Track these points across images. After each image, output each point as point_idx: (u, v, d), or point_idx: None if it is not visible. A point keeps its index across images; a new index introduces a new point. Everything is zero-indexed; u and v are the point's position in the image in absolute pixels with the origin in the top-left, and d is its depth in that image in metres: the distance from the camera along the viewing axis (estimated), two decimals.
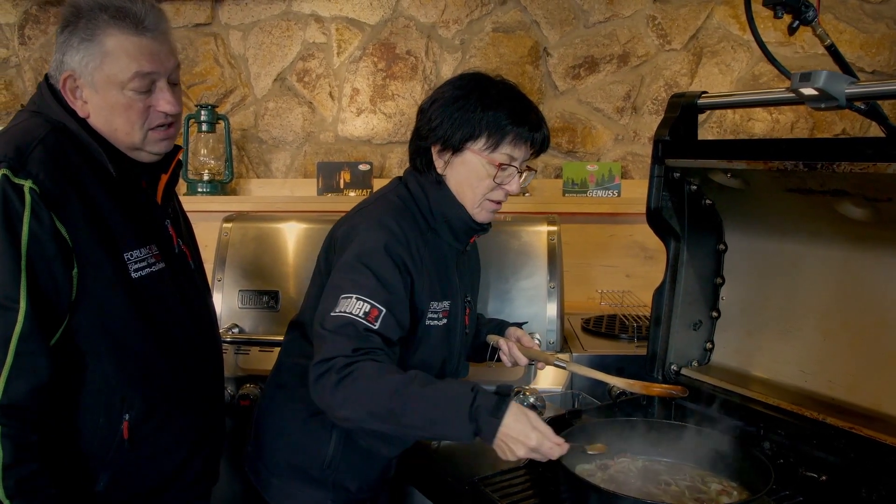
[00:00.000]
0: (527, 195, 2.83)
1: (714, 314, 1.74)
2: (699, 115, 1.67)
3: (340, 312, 1.34)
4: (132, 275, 1.35)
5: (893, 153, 1.18)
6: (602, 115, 2.99)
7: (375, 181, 2.93)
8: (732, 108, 2.84)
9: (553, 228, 2.25)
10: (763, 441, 1.48)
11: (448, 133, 1.46)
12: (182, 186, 2.94)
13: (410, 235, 1.46)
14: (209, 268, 1.84)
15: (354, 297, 1.35)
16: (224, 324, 2.25)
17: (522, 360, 1.65)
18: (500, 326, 1.75)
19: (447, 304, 1.54)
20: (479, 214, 1.52)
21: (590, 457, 1.43)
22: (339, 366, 1.28)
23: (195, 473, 1.52)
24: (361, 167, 2.96)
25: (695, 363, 1.75)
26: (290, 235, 2.34)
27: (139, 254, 1.37)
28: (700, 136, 1.70)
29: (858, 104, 1.35)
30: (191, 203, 2.37)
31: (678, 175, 1.62)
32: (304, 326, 1.57)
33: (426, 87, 3.02)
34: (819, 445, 1.39)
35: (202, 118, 2.92)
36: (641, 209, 1.70)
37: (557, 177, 2.99)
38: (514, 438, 1.22)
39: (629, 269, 2.88)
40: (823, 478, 1.34)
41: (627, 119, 2.98)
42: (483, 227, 1.57)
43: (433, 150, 1.50)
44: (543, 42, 2.98)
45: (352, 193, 2.92)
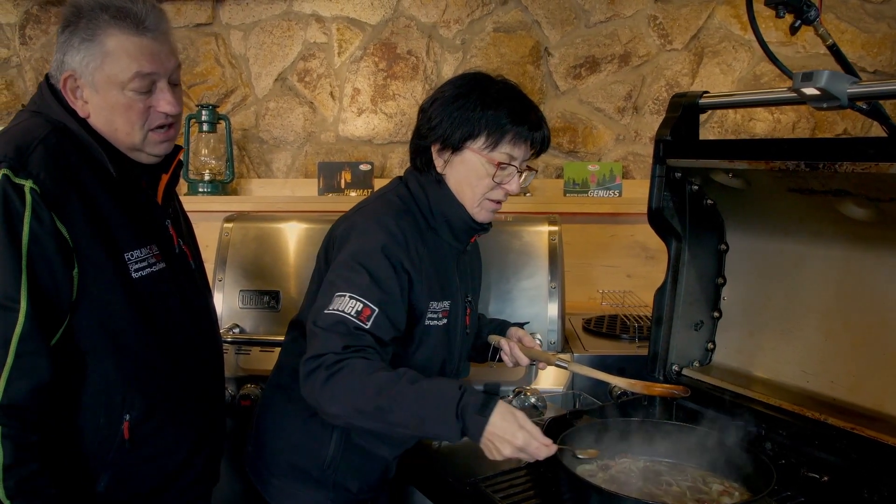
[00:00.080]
0: (528, 195, 2.83)
1: (715, 314, 1.74)
2: (700, 115, 1.67)
3: (333, 310, 1.35)
4: (133, 275, 1.35)
5: (895, 153, 1.18)
6: (603, 115, 2.99)
7: (376, 181, 2.93)
8: (734, 108, 2.84)
9: (554, 228, 2.25)
10: (765, 441, 1.48)
11: (448, 132, 1.46)
12: (183, 186, 2.94)
13: (409, 235, 1.46)
14: (210, 268, 1.84)
15: (348, 296, 1.35)
16: (225, 324, 2.25)
17: (524, 361, 1.65)
18: (502, 326, 1.75)
19: (447, 304, 1.53)
20: (479, 214, 1.52)
21: (592, 457, 1.42)
22: (329, 362, 1.28)
23: (195, 474, 1.52)
24: (362, 167, 2.96)
25: (696, 363, 1.74)
26: (291, 235, 2.34)
27: (140, 254, 1.37)
28: (701, 136, 1.70)
29: (860, 104, 1.34)
30: (192, 203, 2.38)
31: (680, 175, 1.61)
32: (305, 326, 1.57)
33: (427, 87, 3.01)
34: (821, 446, 1.39)
35: (203, 118, 2.92)
36: (643, 209, 1.70)
37: (558, 177, 2.98)
38: (501, 437, 1.21)
39: (630, 270, 2.88)
40: (825, 478, 1.34)
41: (628, 119, 2.98)
42: (483, 227, 1.57)
43: (433, 150, 1.50)
44: (544, 42, 2.98)
45: (353, 193, 2.91)
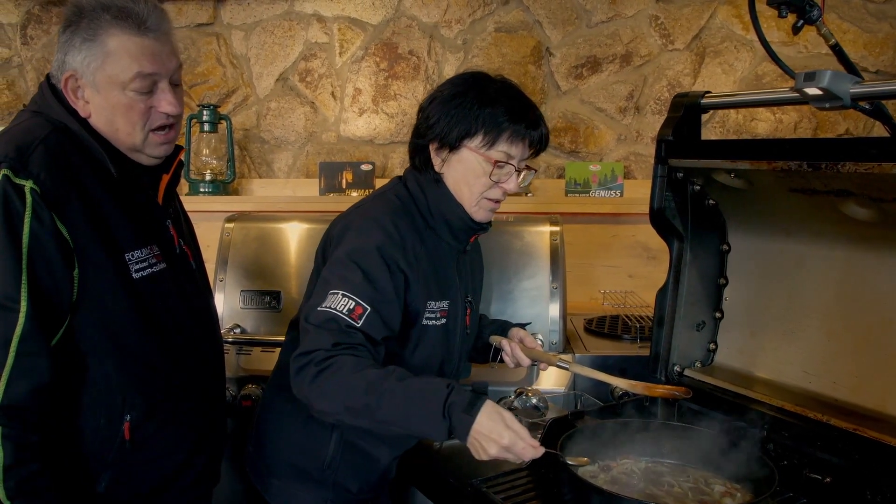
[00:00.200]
0: (529, 195, 2.83)
1: (717, 315, 1.73)
2: (702, 115, 1.66)
3: (325, 308, 1.35)
4: (133, 275, 1.35)
5: None
6: (605, 115, 2.98)
7: (377, 181, 2.93)
8: (736, 108, 2.83)
9: (556, 229, 2.25)
10: (767, 442, 1.47)
11: (445, 130, 1.45)
12: (184, 186, 2.94)
13: (406, 235, 1.45)
14: (211, 268, 1.83)
15: (340, 294, 1.36)
16: (226, 324, 2.25)
17: (525, 361, 1.64)
18: (503, 327, 1.74)
19: (446, 304, 1.53)
20: (478, 213, 1.52)
21: (592, 458, 1.42)
22: (318, 359, 1.29)
23: (196, 474, 1.52)
24: (363, 167, 2.96)
25: (698, 364, 1.74)
26: (292, 235, 2.34)
27: (140, 254, 1.37)
28: (703, 137, 1.69)
29: (863, 104, 1.34)
30: (193, 203, 2.38)
31: (681, 175, 1.61)
32: None
33: (428, 87, 3.01)
34: (823, 447, 1.39)
35: (204, 118, 2.91)
36: (644, 209, 1.70)
37: (560, 177, 2.98)
38: (487, 437, 1.20)
39: (632, 270, 2.87)
40: (827, 479, 1.34)
41: (630, 119, 2.97)
42: (482, 227, 1.56)
43: (431, 148, 1.50)
44: (546, 42, 2.98)
45: (354, 193, 2.91)
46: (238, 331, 2.25)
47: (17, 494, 1.19)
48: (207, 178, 2.96)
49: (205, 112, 2.91)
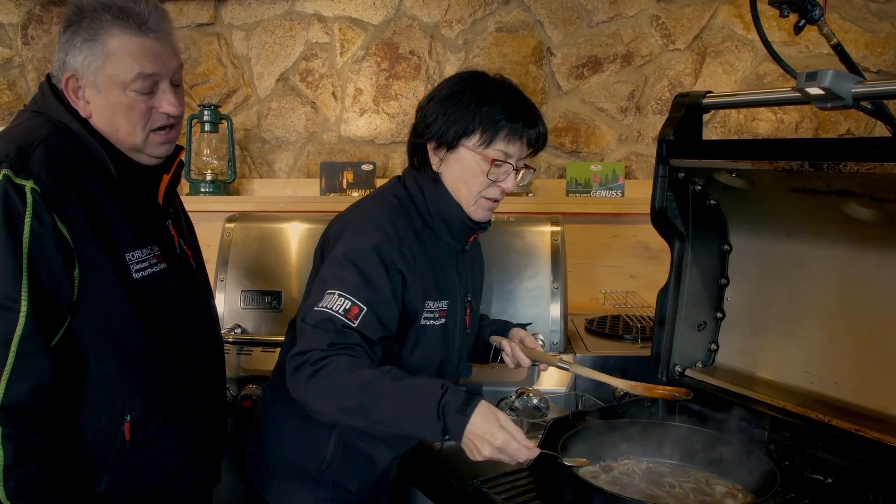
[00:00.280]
0: (530, 195, 2.83)
1: (719, 315, 1.73)
2: (703, 116, 1.66)
3: (322, 308, 1.35)
4: (133, 275, 1.35)
5: None
6: (606, 115, 2.98)
7: (378, 181, 2.93)
8: (737, 108, 2.83)
9: (556, 229, 2.25)
10: (768, 443, 1.47)
11: (443, 129, 1.45)
12: (185, 186, 2.94)
13: (404, 235, 1.45)
14: (211, 268, 1.83)
15: (337, 294, 1.36)
16: (226, 324, 2.25)
17: (525, 362, 1.64)
18: (504, 327, 1.74)
19: (445, 304, 1.53)
20: (476, 213, 1.51)
21: (594, 459, 1.42)
22: (314, 359, 1.29)
23: (196, 474, 1.52)
24: (364, 167, 2.96)
25: (699, 364, 1.74)
26: (293, 236, 2.34)
27: (140, 254, 1.37)
28: (704, 137, 1.69)
29: (865, 104, 1.33)
30: (193, 203, 2.37)
31: (683, 175, 1.61)
32: None
33: (429, 87, 2.98)
34: (825, 447, 1.38)
35: (205, 118, 2.91)
36: (645, 209, 1.69)
37: (561, 177, 2.98)
38: (480, 437, 1.20)
39: (633, 270, 2.87)
40: (829, 480, 1.33)
41: (631, 119, 2.97)
42: (481, 226, 1.56)
43: (429, 148, 1.50)
44: (547, 42, 2.97)
45: (355, 193, 2.91)
46: (239, 331, 2.25)
47: (18, 495, 1.19)
48: (208, 178, 2.96)
49: (205, 112, 2.91)
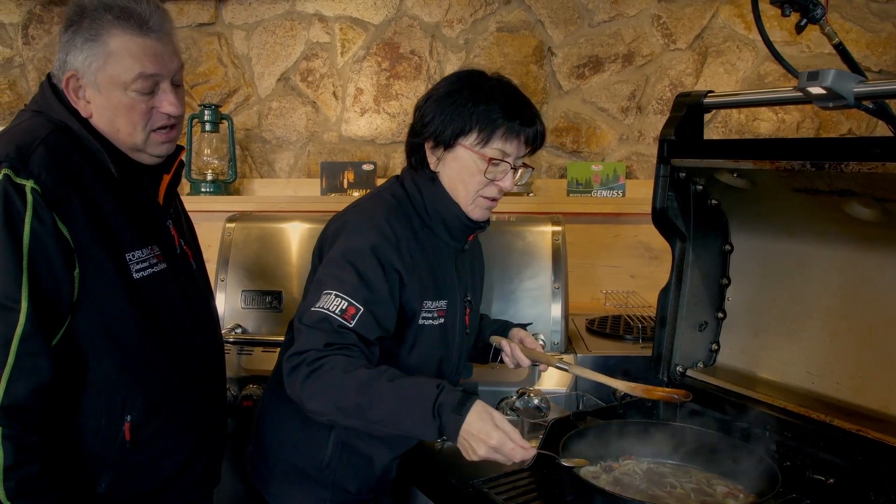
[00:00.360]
0: (531, 195, 2.83)
1: (720, 315, 1.73)
2: (704, 115, 1.66)
3: (319, 308, 1.35)
4: (134, 275, 1.34)
5: None
6: (607, 115, 2.98)
7: (379, 181, 2.93)
8: (739, 108, 2.82)
9: (557, 228, 2.24)
10: (769, 443, 1.47)
11: (440, 129, 1.45)
12: (185, 186, 2.94)
13: (401, 235, 1.45)
14: (212, 268, 1.83)
15: (334, 294, 1.36)
16: (227, 324, 2.24)
17: (525, 362, 1.64)
18: (504, 327, 1.74)
19: (443, 304, 1.53)
20: (474, 212, 1.51)
21: (594, 459, 1.42)
22: (310, 359, 1.29)
23: (196, 475, 1.51)
24: (365, 167, 2.96)
25: (700, 364, 1.73)
26: (294, 235, 2.34)
27: (141, 254, 1.36)
28: (705, 137, 1.69)
29: (867, 103, 1.33)
30: (194, 203, 2.37)
31: (684, 175, 1.60)
32: None
33: (430, 87, 3.00)
34: (826, 448, 1.38)
35: (206, 118, 2.91)
36: (646, 209, 1.69)
37: (562, 177, 2.97)
38: (475, 436, 1.20)
39: (634, 270, 2.87)
40: (831, 481, 1.33)
41: (632, 119, 2.97)
42: (479, 225, 1.55)
43: (426, 147, 1.49)
44: (548, 41, 2.97)
45: (355, 193, 2.91)
46: (239, 331, 2.25)
47: (18, 495, 1.19)
48: (209, 178, 2.95)
49: (206, 112, 2.91)
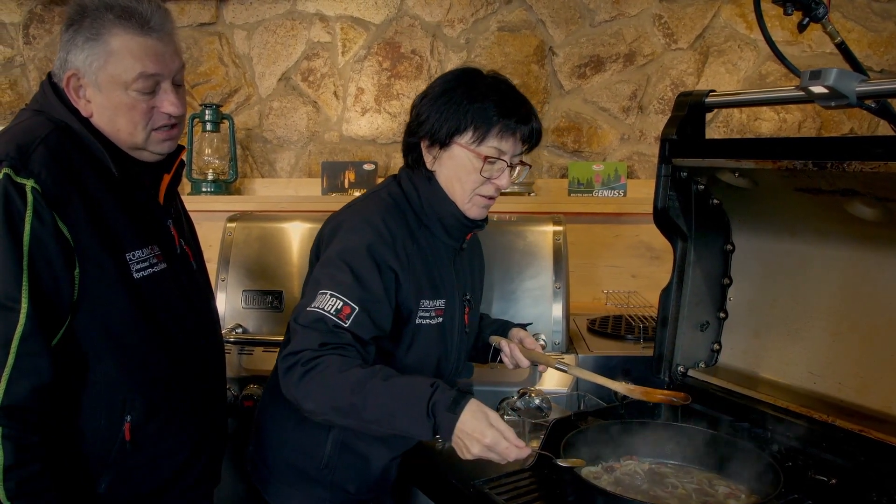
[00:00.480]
0: (532, 195, 2.82)
1: (721, 315, 1.72)
2: (706, 115, 1.66)
3: (314, 308, 1.35)
4: (134, 275, 1.34)
5: None
6: (608, 115, 2.97)
7: (380, 181, 2.92)
8: (740, 108, 2.82)
9: (558, 228, 2.24)
10: (771, 443, 1.47)
11: (436, 127, 1.45)
12: (186, 186, 2.94)
13: (397, 234, 1.45)
14: (213, 268, 1.83)
15: (329, 294, 1.35)
16: (228, 324, 2.24)
17: (524, 362, 1.63)
18: (504, 327, 1.74)
19: (441, 303, 1.52)
20: (471, 210, 1.51)
21: (595, 459, 1.41)
22: (305, 359, 1.29)
23: (197, 475, 1.51)
24: (366, 167, 2.95)
25: (702, 364, 1.73)
26: (295, 235, 2.34)
27: (141, 254, 1.36)
28: (707, 136, 1.69)
29: (869, 102, 1.33)
30: (195, 203, 2.38)
31: (685, 174, 1.60)
32: None
33: None
34: (828, 448, 1.38)
35: (206, 118, 2.91)
36: (648, 209, 1.69)
37: (563, 176, 2.97)
38: (469, 435, 1.20)
39: (635, 270, 2.86)
40: (833, 481, 1.33)
41: (633, 118, 2.96)
42: (477, 224, 1.55)
43: (422, 146, 1.49)
44: (549, 41, 2.97)
45: (356, 193, 2.90)
46: (240, 331, 2.25)
47: (18, 495, 1.18)
48: (209, 178, 2.95)
49: (207, 111, 2.91)
